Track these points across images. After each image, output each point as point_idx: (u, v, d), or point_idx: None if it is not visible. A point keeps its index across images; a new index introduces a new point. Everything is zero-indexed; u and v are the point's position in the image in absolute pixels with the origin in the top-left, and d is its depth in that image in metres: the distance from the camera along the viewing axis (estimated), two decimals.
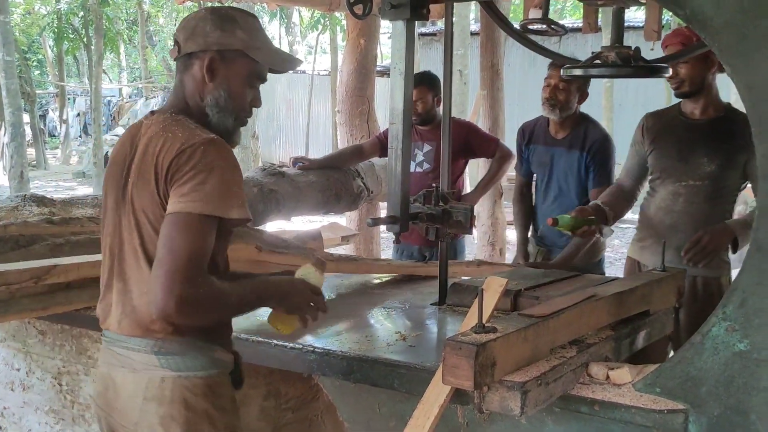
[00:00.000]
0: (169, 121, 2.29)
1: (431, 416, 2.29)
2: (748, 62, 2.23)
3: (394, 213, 3.25)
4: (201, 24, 2.34)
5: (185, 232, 2.12)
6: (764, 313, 2.24)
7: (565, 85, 4.40)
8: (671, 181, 3.82)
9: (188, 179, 2.14)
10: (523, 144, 4.82)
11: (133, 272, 2.26)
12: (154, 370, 2.23)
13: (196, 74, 2.35)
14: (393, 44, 3.18)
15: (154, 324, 2.22)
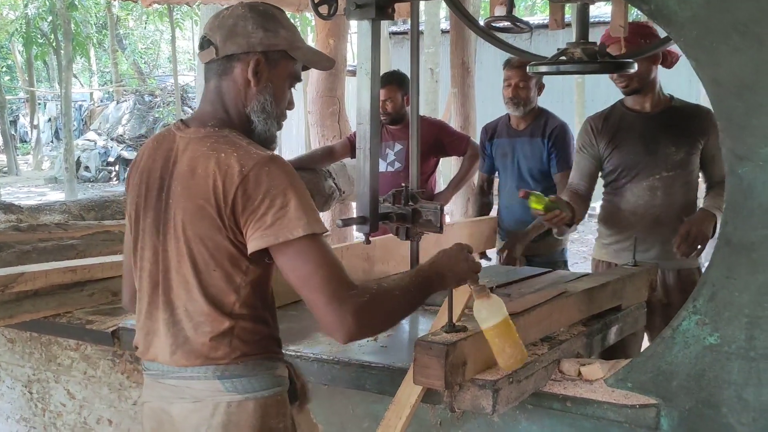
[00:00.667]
0: (214, 138, 2.12)
1: (403, 416, 2.28)
2: (713, 56, 2.23)
3: (363, 213, 3.23)
4: (242, 23, 2.16)
5: (308, 258, 1.99)
6: (734, 306, 2.25)
7: (525, 83, 4.66)
8: (643, 176, 3.81)
9: (267, 208, 2.00)
10: (486, 141, 5.00)
11: (183, 302, 2.12)
12: (220, 396, 2.11)
13: (237, 78, 2.18)
14: (359, 44, 3.16)
15: (215, 351, 2.10)
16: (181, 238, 2.10)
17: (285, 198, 2.00)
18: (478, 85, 8.13)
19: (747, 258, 2.22)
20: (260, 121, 2.21)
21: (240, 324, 2.11)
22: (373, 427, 2.33)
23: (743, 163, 2.20)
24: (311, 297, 1.99)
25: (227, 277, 2.09)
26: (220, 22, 2.18)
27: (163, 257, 2.15)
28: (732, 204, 2.24)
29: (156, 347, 2.18)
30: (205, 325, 2.10)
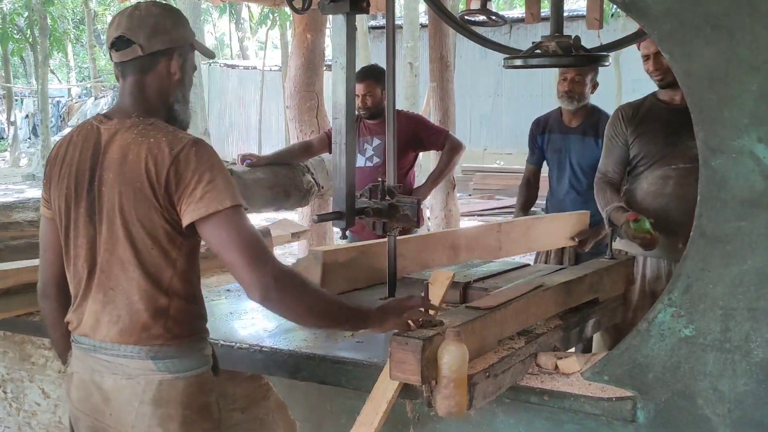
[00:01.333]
0: (142, 126, 2.28)
1: (380, 412, 2.27)
2: (686, 49, 2.24)
3: (339, 208, 3.22)
4: (162, 21, 2.34)
5: (232, 226, 2.18)
6: (709, 298, 2.26)
7: (581, 77, 4.67)
8: (659, 165, 3.83)
9: (195, 184, 2.18)
10: (537, 133, 5.06)
11: (122, 283, 2.26)
12: (152, 375, 2.26)
13: (162, 72, 2.36)
14: (333, 38, 3.15)
15: (150, 330, 2.25)
16: (118, 221, 2.24)
17: (212, 174, 2.19)
18: (457, 79, 8.13)
19: (721, 250, 2.23)
20: (182, 110, 2.43)
21: (174, 304, 2.27)
22: (350, 423, 2.32)
23: (716, 155, 2.21)
24: (235, 257, 2.17)
25: (164, 254, 2.25)
26: (139, 22, 2.33)
27: (97, 241, 2.29)
28: (706, 196, 2.25)
29: (90, 325, 2.31)
30: (142, 302, 2.25)
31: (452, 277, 2.65)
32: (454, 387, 2.18)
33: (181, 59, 2.38)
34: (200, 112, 11.84)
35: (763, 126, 2.15)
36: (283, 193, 5.03)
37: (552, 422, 2.48)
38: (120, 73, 2.38)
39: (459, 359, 2.19)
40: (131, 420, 2.26)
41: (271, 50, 24.07)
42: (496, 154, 20.32)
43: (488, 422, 2.59)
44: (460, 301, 2.98)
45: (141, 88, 2.36)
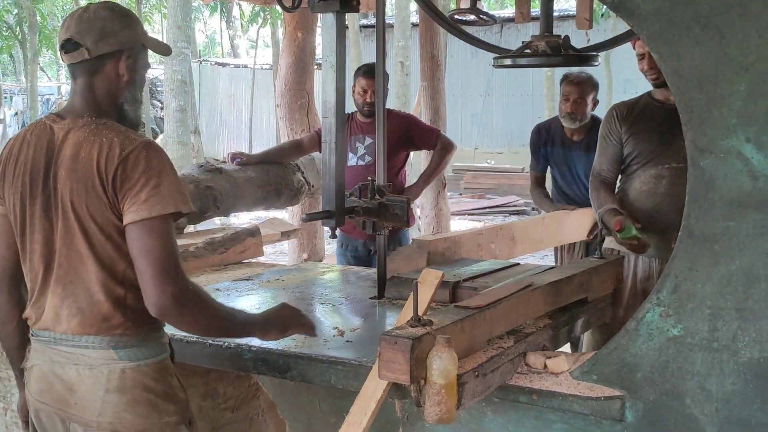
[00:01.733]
0: (94, 125, 2.33)
1: (368, 411, 2.27)
2: (675, 49, 2.24)
3: (329, 207, 3.22)
4: (109, 24, 2.37)
5: (157, 235, 2.23)
6: (697, 298, 2.27)
7: (583, 98, 4.99)
8: (652, 164, 3.81)
9: (142, 186, 2.23)
10: (540, 145, 5.30)
11: (81, 275, 2.31)
12: (114, 363, 2.31)
13: (110, 74, 2.40)
14: (323, 37, 3.15)
15: (110, 321, 2.31)
16: (71, 216, 2.29)
17: (159, 178, 2.25)
18: (448, 78, 8.13)
19: (709, 250, 2.24)
20: (132, 110, 2.47)
21: (130, 294, 2.31)
22: (340, 423, 2.32)
23: (704, 155, 2.22)
24: (147, 266, 2.22)
25: (117, 247, 2.29)
26: (87, 25, 2.36)
27: (53, 237, 2.34)
28: (694, 196, 2.26)
29: (50, 319, 2.36)
30: (100, 293, 2.30)
31: (441, 276, 2.65)
32: (445, 393, 2.18)
33: (131, 60, 2.41)
34: (191, 110, 11.79)
35: (752, 126, 2.15)
36: (274, 191, 5.02)
37: (541, 421, 2.49)
38: (71, 74, 2.43)
39: (449, 365, 2.19)
40: (97, 408, 2.31)
41: (262, 48, 24.02)
42: (487, 153, 20.34)
43: (477, 421, 2.60)
44: (450, 301, 2.98)
45: (90, 89, 2.40)
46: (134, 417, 2.32)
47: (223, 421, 3.12)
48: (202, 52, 32.63)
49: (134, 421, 2.32)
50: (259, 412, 3.20)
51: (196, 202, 4.36)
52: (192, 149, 11.12)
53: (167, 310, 2.24)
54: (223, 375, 3.05)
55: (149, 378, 2.34)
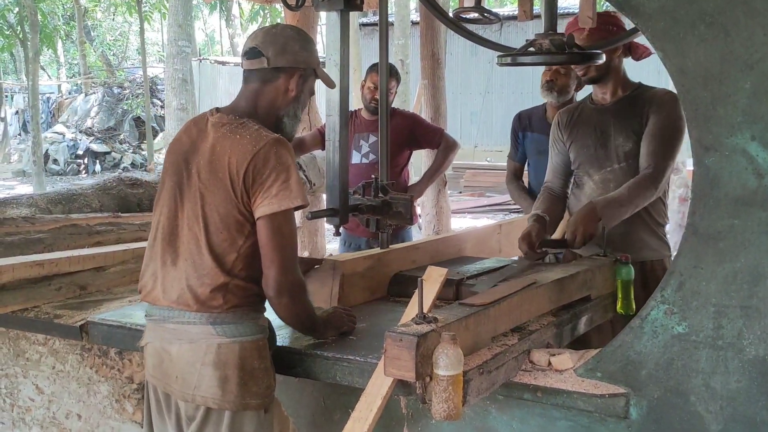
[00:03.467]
0: (234, 124, 2.58)
1: (374, 408, 2.27)
2: (679, 47, 2.25)
3: (333, 205, 3.23)
4: (291, 43, 2.64)
5: (285, 227, 2.49)
6: (701, 295, 2.27)
7: (566, 69, 4.51)
8: (596, 169, 3.72)
9: (272, 181, 2.47)
10: (519, 129, 4.92)
11: (193, 257, 2.54)
12: (211, 338, 2.51)
13: (280, 87, 2.65)
14: (327, 35, 3.16)
15: (212, 301, 2.51)
16: (198, 203, 2.54)
17: (287, 173, 2.48)
18: (448, 76, 8.13)
19: (714, 248, 2.24)
20: (291, 124, 2.71)
21: (234, 281, 2.52)
22: (344, 419, 2.32)
23: (709, 153, 2.22)
24: (276, 255, 2.47)
25: (231, 240, 2.51)
26: (272, 38, 2.64)
27: (177, 216, 2.59)
28: (699, 194, 2.26)
29: (161, 290, 2.59)
30: (207, 277, 2.51)
31: (446, 274, 2.66)
32: (452, 390, 2.19)
33: (301, 80, 2.67)
34: (191, 108, 11.83)
35: (757, 124, 2.16)
36: None
37: (545, 419, 2.49)
38: (245, 78, 2.69)
39: (455, 362, 2.19)
40: (194, 381, 2.51)
41: None
42: (487, 151, 20.32)
43: (482, 418, 2.60)
44: (454, 298, 2.98)
45: (258, 95, 2.66)
46: (224, 393, 2.50)
47: None
48: (201, 51, 32.63)
49: (223, 397, 2.50)
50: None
51: None
52: None
53: (284, 294, 2.49)
54: None
55: (242, 355, 2.51)
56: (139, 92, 25.04)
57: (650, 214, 3.64)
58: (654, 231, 3.68)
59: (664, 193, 3.73)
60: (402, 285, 3.25)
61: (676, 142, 3.48)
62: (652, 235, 3.67)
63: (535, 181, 4.82)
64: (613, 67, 3.63)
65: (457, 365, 2.20)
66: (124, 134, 25.02)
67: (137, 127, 25.09)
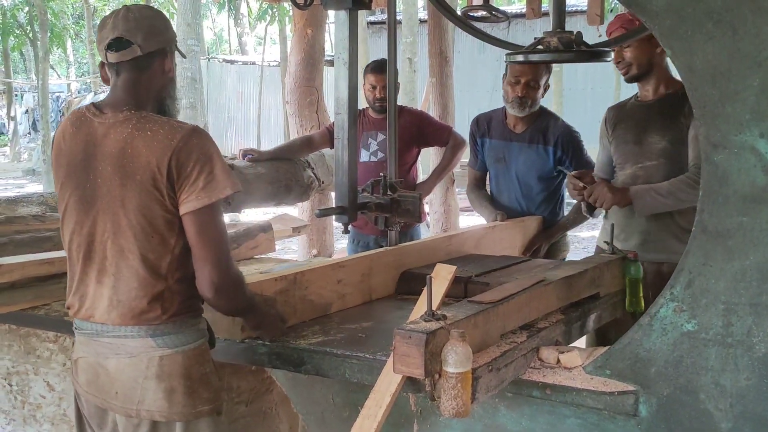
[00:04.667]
0: (136, 120, 2.41)
1: (383, 405, 2.28)
2: (687, 44, 2.24)
3: (342, 203, 3.24)
4: (156, 24, 2.49)
5: (215, 220, 2.37)
6: (711, 293, 2.27)
7: (536, 82, 4.27)
8: (629, 165, 3.77)
9: (198, 174, 2.34)
10: (477, 135, 4.65)
11: (121, 270, 2.40)
12: (152, 351, 2.41)
13: (157, 71, 2.50)
14: (336, 34, 3.16)
15: (148, 313, 2.40)
16: (119, 212, 2.38)
17: (212, 163, 2.35)
18: (456, 74, 8.12)
19: (723, 245, 2.24)
20: (171, 105, 2.57)
21: (170, 287, 2.42)
22: (353, 417, 2.33)
23: (718, 151, 2.22)
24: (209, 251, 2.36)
25: (163, 242, 2.39)
26: (135, 24, 2.45)
27: (94, 229, 2.42)
28: (707, 191, 2.26)
29: (90, 308, 2.46)
30: (141, 288, 2.39)
31: (454, 271, 2.66)
32: (461, 387, 2.19)
33: (172, 57, 2.56)
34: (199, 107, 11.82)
35: (765, 121, 2.15)
36: (284, 187, 5.03)
37: (554, 416, 2.49)
38: (114, 71, 2.49)
39: (464, 360, 2.20)
40: (137, 396, 2.41)
41: (269, 45, 24.02)
42: None
43: (491, 416, 2.60)
44: (462, 296, 2.99)
45: (136, 85, 2.48)
46: (171, 405, 2.41)
47: (236, 415, 3.14)
48: (209, 49, 32.66)
49: (171, 409, 2.41)
50: (273, 406, 3.22)
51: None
52: None
53: (222, 294, 2.39)
54: (236, 369, 3.06)
55: (187, 364, 2.43)
56: None
57: (673, 216, 3.65)
58: (676, 234, 3.67)
59: None
60: (410, 283, 3.25)
61: None
62: (673, 237, 3.67)
63: (497, 191, 4.59)
64: (654, 64, 3.65)
65: (466, 362, 2.21)
66: None
67: None
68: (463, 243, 3.71)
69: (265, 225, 4.10)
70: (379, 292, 3.20)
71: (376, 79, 4.89)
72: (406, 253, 3.36)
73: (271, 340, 2.67)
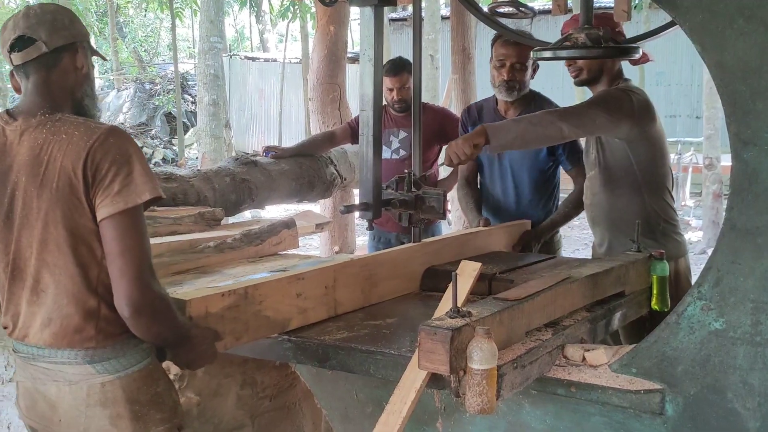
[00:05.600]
0: (50, 123, 2.23)
1: (408, 401, 2.27)
2: (718, 40, 2.23)
3: (366, 200, 3.24)
4: (59, 17, 2.31)
5: (135, 229, 2.16)
6: (739, 291, 2.25)
7: (522, 63, 4.09)
8: (584, 177, 3.81)
9: (114, 176, 2.14)
10: (468, 124, 4.43)
11: (50, 286, 2.23)
12: (92, 378, 2.23)
13: (68, 67, 2.32)
14: (361, 30, 3.16)
15: (82, 332, 2.22)
16: (38, 225, 2.20)
17: (130, 165, 2.16)
18: (478, 71, 8.10)
19: (752, 243, 2.22)
20: (90, 106, 2.37)
21: (105, 303, 2.22)
22: (376, 413, 2.33)
23: (748, 148, 2.20)
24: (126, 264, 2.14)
25: (90, 252, 2.20)
26: (37, 20, 2.28)
27: (19, 246, 2.25)
28: (737, 189, 2.24)
29: (23, 327, 2.29)
30: (72, 305, 2.21)
31: (479, 268, 2.65)
32: (486, 384, 2.19)
33: (83, 54, 2.35)
34: (222, 104, 11.87)
35: None
36: (308, 184, 5.05)
37: (579, 414, 2.48)
38: (22, 74, 2.31)
39: (489, 357, 2.19)
40: (82, 424, 2.25)
41: (291, 42, 24.04)
42: None
43: (515, 413, 2.60)
44: (486, 293, 2.98)
45: (47, 85, 2.30)
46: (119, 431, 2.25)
47: (261, 410, 3.15)
48: (231, 47, 32.77)
49: None
50: (297, 401, 3.22)
51: (232, 195, 4.40)
52: (224, 143, 11.19)
53: (143, 313, 2.17)
54: (260, 364, 3.07)
55: (132, 388, 2.26)
56: (170, 88, 25.20)
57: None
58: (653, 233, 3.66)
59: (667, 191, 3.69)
60: (434, 279, 3.24)
61: None
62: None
63: (489, 181, 4.40)
64: (605, 70, 3.59)
65: (491, 359, 2.20)
66: (155, 129, 25.19)
67: (168, 122, 25.26)
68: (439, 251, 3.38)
69: (288, 221, 4.10)
70: (346, 305, 2.89)
71: (392, 81, 4.87)
72: (373, 265, 3.04)
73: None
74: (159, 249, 3.55)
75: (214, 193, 4.34)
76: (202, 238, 3.69)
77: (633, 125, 3.40)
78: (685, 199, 13.93)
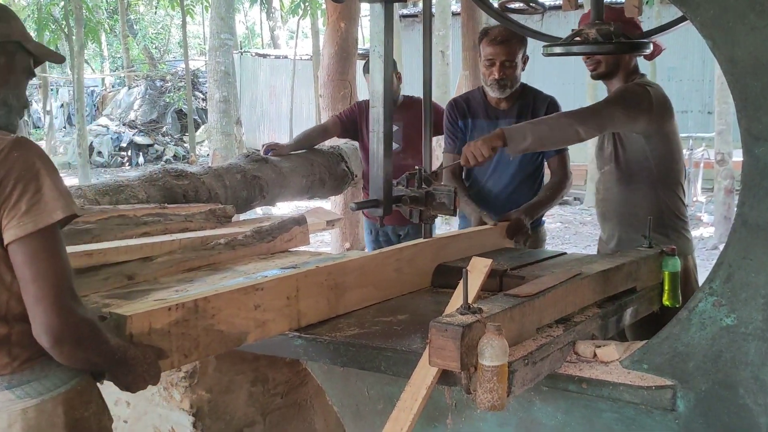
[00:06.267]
0: None
1: (419, 398, 2.28)
2: (729, 35, 2.22)
3: (376, 196, 3.24)
4: None
5: (49, 252, 1.94)
6: (751, 287, 2.24)
7: (511, 60, 4.08)
8: (598, 171, 3.81)
9: (19, 195, 1.92)
10: (457, 119, 4.35)
11: None
12: (12, 405, 2.02)
13: None
14: (371, 27, 3.16)
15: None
16: None
17: (38, 181, 1.94)
18: None
19: (764, 239, 2.21)
20: (3, 116, 2.09)
21: (16, 329, 2.02)
22: (387, 409, 2.33)
23: (759, 143, 2.19)
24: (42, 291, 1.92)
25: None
26: None
27: None
28: (748, 184, 2.23)
29: None
30: None
31: (490, 265, 2.65)
32: (497, 380, 2.19)
33: (2, 58, 2.07)
34: (233, 101, 11.91)
35: None
36: (319, 181, 5.07)
37: (590, 410, 2.48)
38: None
39: (500, 353, 2.19)
40: None
41: (301, 39, 24.06)
42: None
43: (526, 410, 2.60)
44: (497, 289, 2.98)
45: None
46: None
47: (272, 407, 3.16)
48: (242, 43, 32.81)
49: None
50: (308, 398, 3.23)
51: (243, 192, 4.41)
52: (235, 140, 11.21)
53: (65, 341, 1.95)
54: (272, 361, 3.08)
55: (60, 411, 2.05)
56: (180, 85, 25.27)
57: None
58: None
59: (680, 187, 3.69)
60: (445, 276, 3.24)
61: None
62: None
63: (480, 171, 4.31)
64: (622, 65, 3.59)
65: (502, 356, 2.20)
66: (166, 127, 25.29)
67: (179, 119, 25.35)
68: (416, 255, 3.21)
69: (299, 218, 4.11)
70: (310, 317, 2.72)
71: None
72: (340, 273, 2.85)
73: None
74: (170, 246, 3.57)
75: (225, 190, 4.35)
76: (214, 235, 3.70)
77: (651, 120, 3.42)
78: (697, 194, 13.89)
